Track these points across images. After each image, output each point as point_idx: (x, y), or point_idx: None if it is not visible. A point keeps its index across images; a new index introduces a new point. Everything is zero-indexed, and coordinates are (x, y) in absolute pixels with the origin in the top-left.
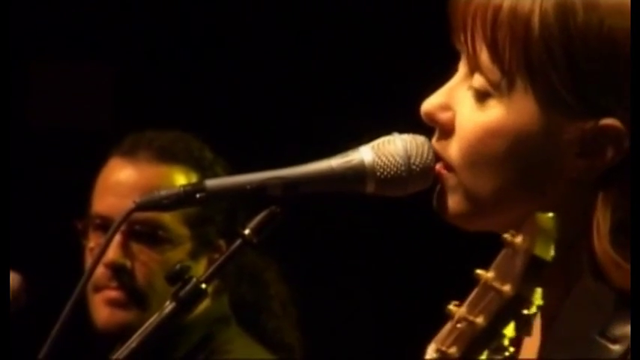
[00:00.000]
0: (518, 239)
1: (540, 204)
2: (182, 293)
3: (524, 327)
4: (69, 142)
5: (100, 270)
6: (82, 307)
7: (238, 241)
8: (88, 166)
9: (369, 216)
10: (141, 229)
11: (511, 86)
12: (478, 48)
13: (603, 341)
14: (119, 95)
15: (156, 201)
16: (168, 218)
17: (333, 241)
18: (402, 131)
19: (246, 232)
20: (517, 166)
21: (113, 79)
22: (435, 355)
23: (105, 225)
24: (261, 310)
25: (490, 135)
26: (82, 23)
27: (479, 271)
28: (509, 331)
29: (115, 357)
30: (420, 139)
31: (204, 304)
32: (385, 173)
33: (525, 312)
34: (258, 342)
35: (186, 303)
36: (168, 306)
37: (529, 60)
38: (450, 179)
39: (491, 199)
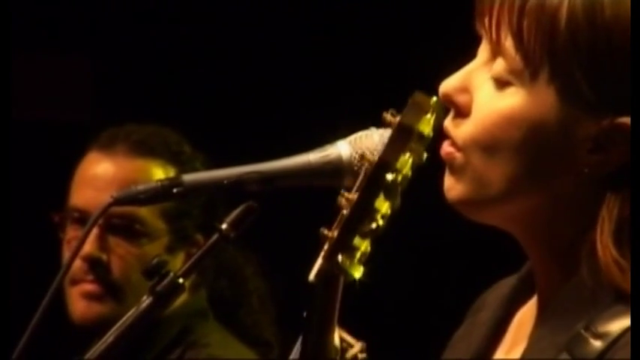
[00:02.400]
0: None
1: (548, 196)
2: (159, 288)
3: (390, 194)
4: (48, 133)
5: (77, 263)
6: (60, 301)
7: (215, 236)
8: (66, 158)
9: None
10: (118, 222)
11: (533, 76)
12: (503, 35)
13: (587, 335)
14: (98, 87)
15: (133, 195)
16: (145, 212)
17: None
18: (379, 126)
19: (224, 226)
20: (529, 156)
21: (92, 70)
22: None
23: (82, 218)
24: (239, 306)
25: (507, 121)
26: (61, 15)
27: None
28: (384, 207)
29: (92, 351)
30: None
31: (182, 299)
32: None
33: (390, 178)
34: (235, 337)
35: (164, 297)
36: (146, 300)
37: (553, 51)
38: (458, 159)
39: (500, 187)
